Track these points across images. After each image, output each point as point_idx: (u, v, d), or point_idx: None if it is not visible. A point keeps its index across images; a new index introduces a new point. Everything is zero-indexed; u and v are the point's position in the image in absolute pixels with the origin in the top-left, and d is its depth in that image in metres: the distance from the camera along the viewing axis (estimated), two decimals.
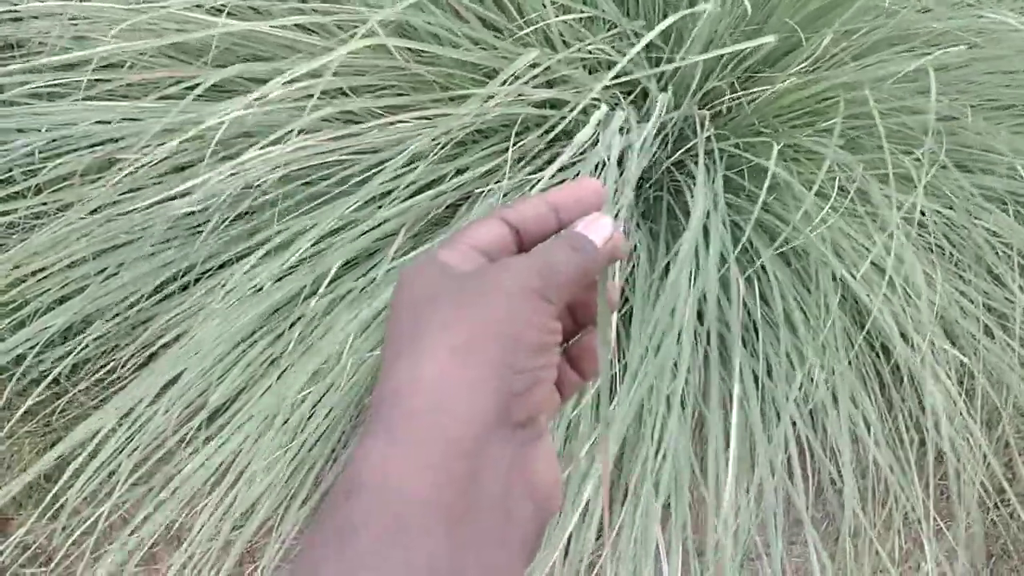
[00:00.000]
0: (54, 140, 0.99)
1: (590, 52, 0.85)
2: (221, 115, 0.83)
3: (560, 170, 0.83)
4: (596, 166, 0.81)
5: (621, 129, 0.66)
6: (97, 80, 0.93)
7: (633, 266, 0.91)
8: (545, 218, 0.36)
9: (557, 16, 0.83)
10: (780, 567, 1.04)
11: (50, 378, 1.05)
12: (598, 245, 0.35)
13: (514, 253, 0.37)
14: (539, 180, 0.83)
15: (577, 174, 0.84)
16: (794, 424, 1.03)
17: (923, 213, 1.13)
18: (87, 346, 1.06)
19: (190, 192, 0.85)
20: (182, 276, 1.00)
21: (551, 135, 0.92)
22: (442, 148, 0.89)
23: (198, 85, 0.83)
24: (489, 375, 0.31)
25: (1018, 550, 1.44)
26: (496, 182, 0.91)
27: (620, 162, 0.85)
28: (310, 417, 0.84)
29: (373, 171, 0.89)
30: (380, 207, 0.85)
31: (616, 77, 0.93)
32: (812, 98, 0.88)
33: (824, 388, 1.02)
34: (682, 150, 0.87)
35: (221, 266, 1.01)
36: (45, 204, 1.02)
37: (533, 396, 0.32)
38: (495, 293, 0.32)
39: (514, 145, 0.87)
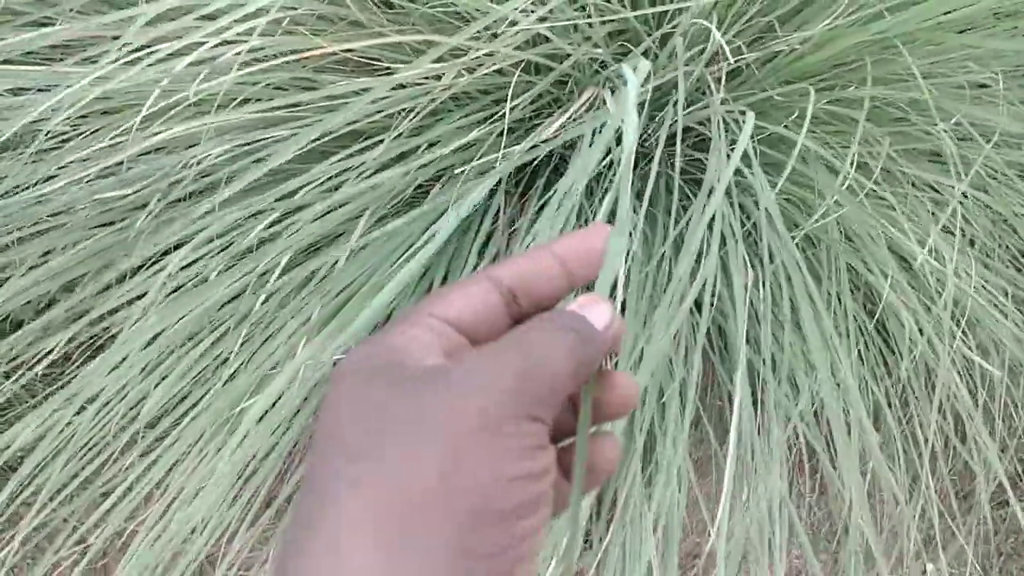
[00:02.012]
0: None
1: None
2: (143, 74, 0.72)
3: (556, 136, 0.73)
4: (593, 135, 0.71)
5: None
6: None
7: (628, 254, 0.81)
8: (550, 277, 0.25)
9: None
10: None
11: None
12: (599, 328, 0.24)
13: (508, 329, 0.25)
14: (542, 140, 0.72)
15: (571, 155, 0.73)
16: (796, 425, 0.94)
17: (936, 190, 1.04)
18: (13, 347, 0.95)
19: (116, 169, 0.73)
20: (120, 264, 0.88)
21: (538, 103, 0.81)
22: (413, 117, 0.78)
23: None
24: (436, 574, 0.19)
25: None
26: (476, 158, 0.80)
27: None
28: (260, 420, 0.74)
29: (333, 144, 0.78)
30: (337, 187, 0.74)
31: (613, 37, 0.82)
32: (830, 59, 0.78)
33: (832, 386, 0.93)
34: (691, 109, 0.77)
35: (165, 253, 0.90)
36: None
37: None
38: (443, 421, 0.20)
39: (496, 116, 0.76)
